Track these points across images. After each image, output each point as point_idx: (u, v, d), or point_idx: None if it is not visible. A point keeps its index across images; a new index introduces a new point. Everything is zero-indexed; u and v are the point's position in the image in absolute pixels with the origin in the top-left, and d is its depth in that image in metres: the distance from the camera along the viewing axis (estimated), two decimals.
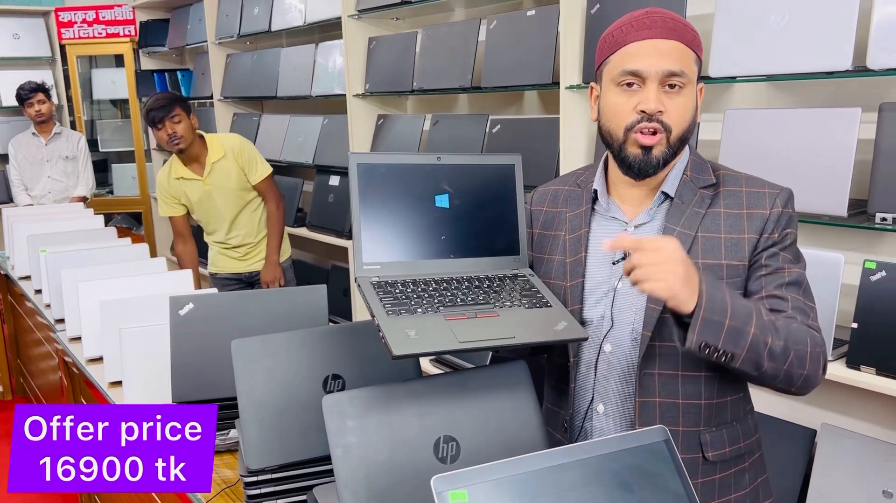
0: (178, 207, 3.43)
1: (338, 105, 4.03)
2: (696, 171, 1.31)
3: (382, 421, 1.21)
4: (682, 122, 1.23)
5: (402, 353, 1.12)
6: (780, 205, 1.25)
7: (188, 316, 1.75)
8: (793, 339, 1.17)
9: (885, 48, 1.85)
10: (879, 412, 2.15)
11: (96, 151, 6.42)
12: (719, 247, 1.25)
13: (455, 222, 1.34)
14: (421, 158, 1.36)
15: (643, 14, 1.24)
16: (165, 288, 2.43)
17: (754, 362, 1.15)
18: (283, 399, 1.41)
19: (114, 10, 6.10)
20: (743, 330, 1.12)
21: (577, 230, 1.37)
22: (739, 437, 1.32)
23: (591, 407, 1.35)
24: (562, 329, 1.21)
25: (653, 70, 1.21)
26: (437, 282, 1.29)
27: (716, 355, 1.13)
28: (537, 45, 2.72)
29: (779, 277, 1.23)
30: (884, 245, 2.08)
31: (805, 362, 1.18)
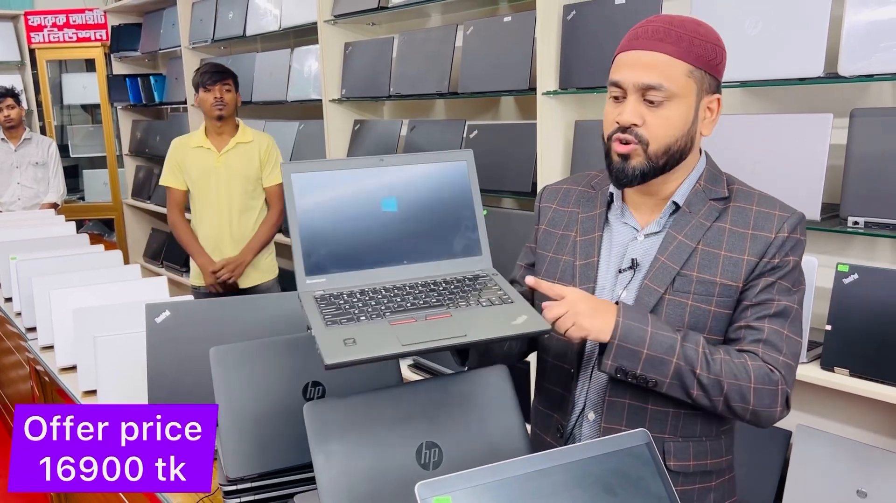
0: (181, 179, 3.33)
1: (313, 110, 4.01)
2: (709, 181, 1.29)
3: (364, 427, 1.20)
4: (663, 136, 1.22)
5: (334, 362, 1.06)
6: (786, 229, 1.23)
7: (165, 323, 1.72)
8: (730, 374, 1.19)
9: (856, 55, 1.89)
10: (853, 413, 2.18)
11: (67, 157, 6.34)
12: (717, 263, 1.24)
13: (405, 226, 1.27)
14: (361, 162, 1.28)
15: (644, 22, 1.24)
16: (140, 295, 2.40)
17: (683, 390, 1.20)
18: (262, 407, 1.39)
19: (85, 15, 6.02)
20: (664, 359, 1.19)
21: (590, 233, 1.35)
22: (707, 454, 1.31)
23: (583, 414, 1.35)
24: (521, 322, 1.15)
25: (629, 82, 1.21)
26: (387, 290, 1.22)
27: (636, 380, 1.20)
28: (514, 51, 2.73)
29: (764, 309, 1.23)
30: (856, 248, 2.12)
31: (747, 397, 1.19)
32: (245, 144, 3.32)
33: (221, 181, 3.29)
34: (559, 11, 2.57)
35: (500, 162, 2.83)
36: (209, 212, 3.32)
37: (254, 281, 3.38)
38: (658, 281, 1.26)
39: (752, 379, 1.19)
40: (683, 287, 1.25)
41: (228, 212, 3.31)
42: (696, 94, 1.22)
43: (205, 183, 3.30)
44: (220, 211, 3.31)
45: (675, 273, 1.25)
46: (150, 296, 2.33)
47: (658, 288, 1.26)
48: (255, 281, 3.39)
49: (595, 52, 2.46)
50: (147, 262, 5.70)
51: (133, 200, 6.01)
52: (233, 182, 3.29)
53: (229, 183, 3.29)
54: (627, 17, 2.36)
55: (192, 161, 3.31)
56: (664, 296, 1.25)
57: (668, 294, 1.25)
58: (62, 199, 5.20)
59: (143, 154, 5.81)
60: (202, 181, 3.30)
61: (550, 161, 2.64)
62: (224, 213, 3.31)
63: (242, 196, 3.31)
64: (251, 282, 3.38)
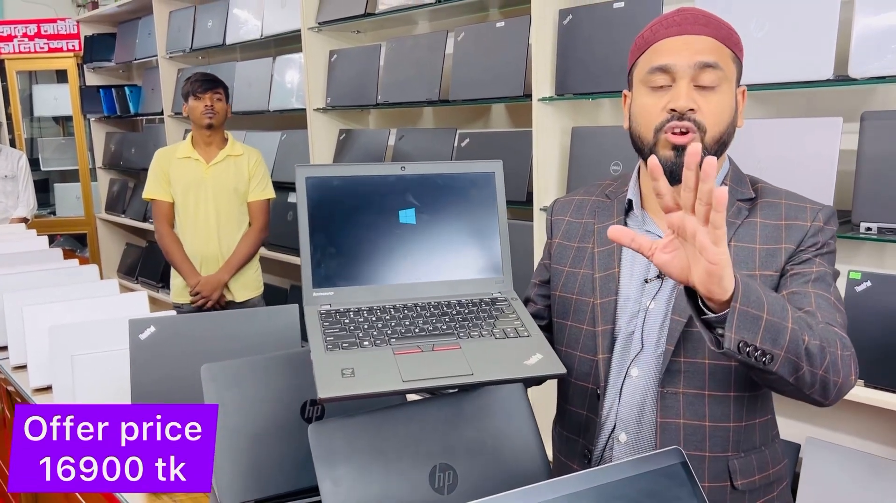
0: (167, 190, 3.22)
1: (296, 120, 3.93)
2: (735, 182, 1.23)
3: (373, 450, 1.13)
4: (718, 122, 1.14)
5: (329, 396, 0.99)
6: (821, 219, 1.18)
7: (149, 340, 1.64)
8: (827, 340, 1.04)
9: (867, 56, 1.85)
10: (866, 424, 2.12)
11: (37, 171, 6.19)
12: (753, 257, 1.18)
13: (423, 240, 1.20)
14: (381, 169, 1.20)
15: (675, 12, 1.18)
16: (119, 311, 2.30)
17: (793, 364, 1.01)
18: (258, 428, 1.31)
19: (57, 24, 5.89)
20: (781, 325, 0.98)
21: (608, 243, 1.27)
22: (769, 464, 1.23)
23: (612, 436, 1.25)
24: (534, 363, 1.06)
25: (683, 63, 1.13)
26: (396, 310, 1.14)
27: (754, 357, 0.98)
28: (508, 57, 2.67)
29: (805, 276, 1.14)
30: (868, 255, 2.07)
31: (838, 367, 1.05)
32: (235, 157, 3.24)
33: (209, 194, 3.19)
34: (555, 16, 2.51)
35: None
36: (195, 226, 3.21)
37: (239, 297, 3.28)
38: None
39: (838, 345, 1.05)
40: None
41: (216, 226, 3.20)
42: (735, 82, 1.18)
43: (191, 195, 3.19)
44: (207, 225, 3.20)
45: None
46: (130, 312, 2.22)
47: None
48: (240, 297, 3.28)
49: (592, 57, 2.40)
50: (122, 279, 5.55)
51: (107, 214, 5.86)
52: (221, 195, 3.19)
53: (217, 196, 3.19)
54: (626, 20, 2.31)
55: (177, 172, 3.20)
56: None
57: None
58: (32, 214, 5.06)
59: (118, 167, 5.67)
60: (188, 193, 3.19)
61: (547, 169, 2.57)
62: (212, 228, 3.20)
63: (231, 210, 3.21)
64: (236, 299, 3.28)
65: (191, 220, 3.21)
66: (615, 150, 2.39)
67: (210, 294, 3.18)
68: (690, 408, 1.18)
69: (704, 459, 1.17)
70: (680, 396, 1.18)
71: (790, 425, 2.24)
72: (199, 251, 3.22)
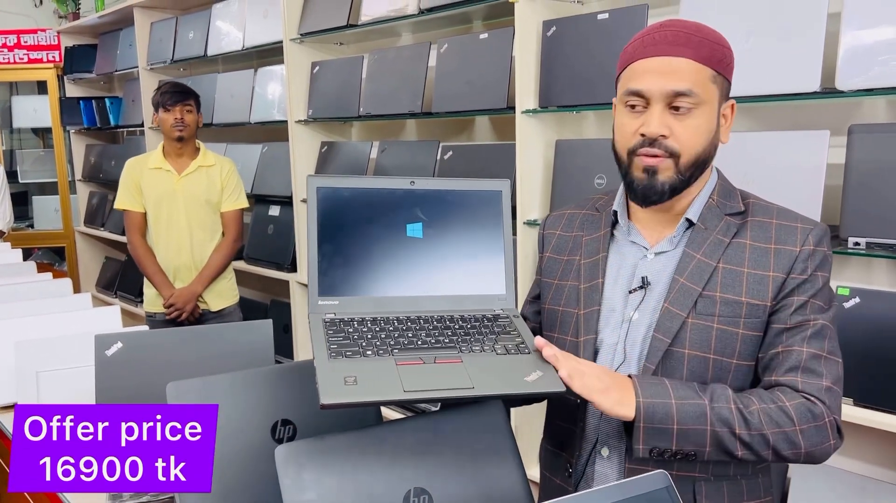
0: (138, 201, 3.17)
1: (278, 132, 3.89)
2: (723, 196, 1.22)
3: (345, 473, 1.09)
4: (693, 146, 1.14)
5: (331, 402, 1.00)
6: (812, 242, 1.15)
7: (116, 356, 1.59)
8: (771, 423, 1.09)
9: (854, 69, 1.82)
10: (855, 444, 2.08)
11: (15, 183, 6.10)
12: (741, 282, 1.16)
13: (429, 254, 1.21)
14: (391, 183, 1.22)
15: (657, 27, 1.16)
16: (90, 326, 2.23)
17: (726, 453, 1.10)
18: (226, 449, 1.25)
19: (37, 35, 5.82)
20: (697, 429, 1.09)
21: (594, 255, 1.27)
22: (742, 495, 1.20)
23: (594, 450, 1.24)
24: (534, 380, 1.07)
25: (656, 90, 1.13)
26: (399, 321, 1.16)
27: (676, 456, 1.11)
28: (491, 69, 2.64)
29: (800, 331, 1.14)
30: (856, 270, 2.05)
31: (796, 441, 1.10)
32: (207, 168, 3.19)
33: (180, 205, 3.14)
34: (538, 28, 2.49)
35: None
36: (167, 237, 3.16)
37: (214, 306, 3.23)
38: (679, 304, 1.17)
39: (795, 421, 1.09)
40: (707, 309, 1.16)
41: (189, 237, 3.16)
42: (717, 100, 1.16)
43: (163, 206, 3.14)
44: (180, 237, 3.15)
45: (697, 294, 1.16)
46: (101, 327, 2.16)
47: (680, 311, 1.16)
48: (216, 306, 3.23)
49: (577, 69, 2.37)
50: (100, 292, 5.46)
51: (86, 227, 5.78)
52: (192, 207, 3.14)
53: (188, 208, 3.14)
54: (610, 32, 2.28)
55: (149, 183, 3.15)
56: (687, 320, 1.16)
57: (692, 317, 1.16)
58: (9, 227, 4.96)
59: (97, 179, 5.59)
60: (160, 204, 3.14)
61: (531, 182, 2.54)
62: (184, 240, 3.16)
63: (203, 221, 3.17)
64: (211, 308, 3.22)
65: (163, 232, 3.16)
66: (599, 164, 2.36)
67: (184, 306, 3.13)
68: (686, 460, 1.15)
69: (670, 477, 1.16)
70: None
71: None
72: (172, 262, 3.17)
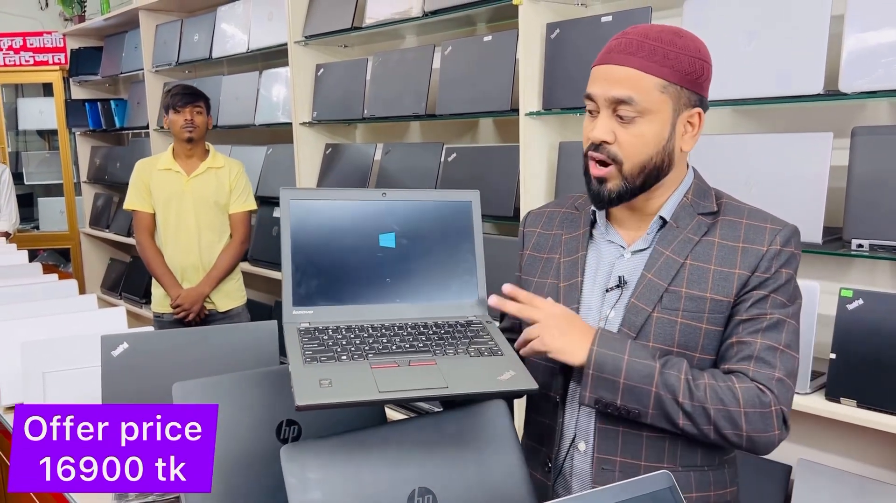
0: (148, 201, 3.19)
1: (282, 134, 3.90)
2: (697, 195, 1.25)
3: (349, 473, 1.09)
4: (637, 153, 1.17)
5: (306, 404, 1.02)
6: (779, 242, 1.19)
7: (122, 357, 1.60)
8: (716, 399, 1.13)
9: (858, 71, 1.83)
10: (858, 446, 2.09)
11: (21, 184, 6.12)
12: (707, 279, 1.19)
13: (402, 263, 1.24)
14: (363, 194, 1.25)
15: (620, 34, 1.20)
16: (95, 327, 2.23)
17: (667, 419, 1.15)
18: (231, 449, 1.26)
19: (43, 38, 5.85)
20: (643, 389, 1.14)
21: (573, 253, 1.30)
22: (710, 485, 1.23)
23: (573, 445, 1.27)
24: (507, 379, 1.10)
25: (600, 96, 1.18)
26: (374, 329, 1.18)
27: (618, 412, 1.16)
28: (495, 72, 2.65)
29: (756, 323, 1.17)
30: (859, 272, 2.05)
31: (738, 422, 1.13)
32: (216, 170, 3.22)
33: (189, 206, 3.16)
34: (542, 30, 2.49)
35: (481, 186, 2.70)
36: (176, 238, 3.18)
37: (221, 307, 3.24)
38: (645, 299, 1.21)
39: (740, 402, 1.13)
40: (672, 304, 1.20)
41: (197, 238, 3.18)
42: (672, 110, 1.17)
43: (171, 207, 3.16)
44: (188, 238, 3.17)
45: (662, 290, 1.20)
46: (107, 328, 2.17)
47: (646, 306, 1.21)
48: (223, 307, 3.24)
49: (580, 71, 2.38)
50: (105, 294, 5.48)
51: (91, 229, 5.79)
52: (201, 208, 3.17)
53: (197, 209, 3.16)
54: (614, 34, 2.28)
55: (158, 184, 3.18)
56: (652, 314, 1.20)
57: (657, 312, 1.20)
58: (15, 228, 5.00)
59: (102, 181, 5.61)
60: (169, 205, 3.17)
61: (534, 184, 2.54)
62: (192, 240, 3.17)
63: (211, 222, 3.19)
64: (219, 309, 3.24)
65: (172, 232, 3.18)
66: None
67: (191, 307, 3.15)
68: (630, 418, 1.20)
69: (639, 468, 1.20)
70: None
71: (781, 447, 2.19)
72: (181, 263, 3.19)
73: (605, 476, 1.21)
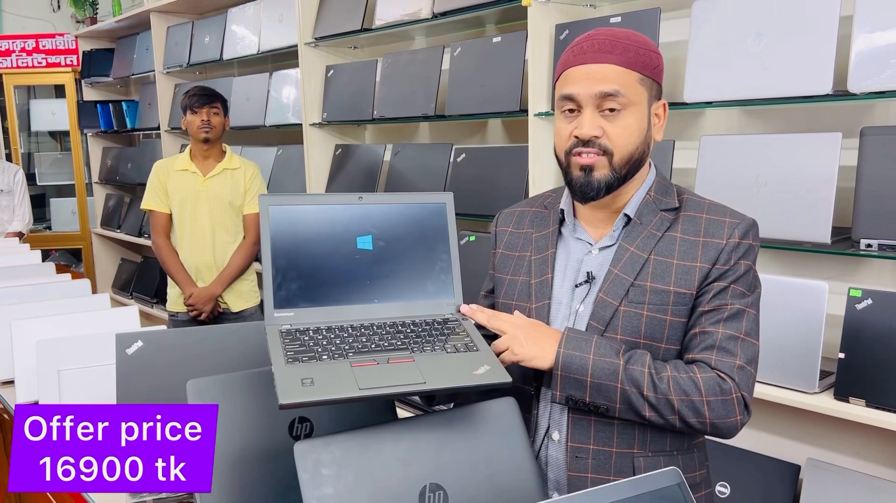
0: (164, 202, 3.24)
1: (292, 135, 3.92)
2: (659, 192, 1.31)
3: (361, 468, 1.11)
4: (625, 144, 1.24)
5: (289, 402, 1.05)
6: (737, 235, 1.24)
7: (137, 355, 1.61)
8: (678, 391, 1.19)
9: (867, 71, 1.83)
10: (867, 445, 2.09)
11: (34, 185, 6.17)
12: (670, 272, 1.25)
13: (379, 265, 1.27)
14: (340, 199, 1.29)
15: (584, 38, 1.26)
16: (109, 326, 2.26)
17: (635, 412, 1.21)
18: (245, 446, 1.27)
19: (55, 39, 5.89)
20: (609, 386, 1.20)
21: (543, 251, 1.36)
22: (680, 469, 1.25)
23: (547, 435, 1.32)
24: (482, 373, 1.14)
25: (585, 94, 1.22)
26: (353, 329, 1.22)
27: (588, 407, 1.22)
28: (504, 72, 2.66)
29: (717, 314, 1.23)
30: (867, 272, 2.05)
31: (700, 411, 1.19)
32: (232, 171, 3.25)
33: (204, 206, 3.20)
34: (551, 31, 2.50)
35: (490, 186, 2.74)
36: (191, 237, 3.22)
37: (234, 307, 3.27)
38: (612, 293, 1.26)
39: (702, 392, 1.19)
40: (638, 298, 1.25)
41: (212, 238, 3.21)
42: (647, 101, 1.25)
43: (188, 207, 3.20)
44: (203, 237, 3.21)
45: (628, 284, 1.26)
46: (120, 327, 2.19)
47: (613, 300, 1.26)
48: (235, 307, 3.27)
49: None
50: (116, 294, 5.51)
51: (102, 229, 5.83)
52: (216, 208, 3.20)
53: (212, 209, 3.20)
54: None
55: (175, 184, 3.22)
56: (619, 308, 1.26)
57: (624, 306, 1.26)
58: (28, 228, 5.04)
59: (114, 182, 5.65)
60: (185, 205, 3.21)
61: (543, 184, 2.55)
62: (207, 240, 3.21)
63: (225, 223, 3.22)
64: (232, 309, 3.27)
65: (187, 232, 3.22)
66: None
67: (203, 306, 3.18)
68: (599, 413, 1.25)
69: (611, 454, 1.26)
70: None
71: (790, 446, 2.21)
72: (195, 262, 3.23)
73: (578, 463, 1.27)
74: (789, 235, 1.95)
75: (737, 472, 2.16)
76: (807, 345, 1.90)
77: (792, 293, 1.93)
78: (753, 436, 2.24)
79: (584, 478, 1.27)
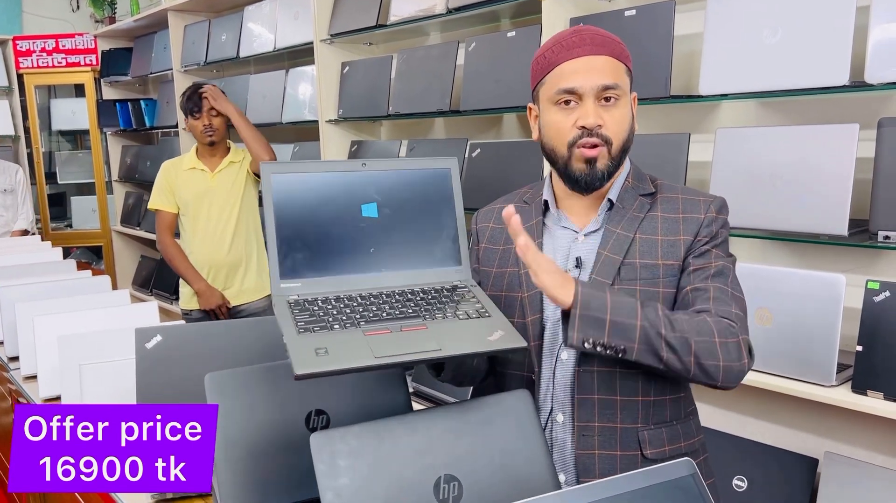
0: (172, 201, 3.28)
1: (309, 132, 3.94)
2: (637, 179, 1.37)
3: (377, 460, 1.12)
4: (620, 132, 1.29)
5: (305, 373, 1.03)
6: (713, 210, 1.32)
7: (156, 349, 1.63)
8: (694, 331, 1.21)
9: (884, 62, 1.81)
10: (886, 439, 2.07)
11: (54, 184, 6.23)
12: (656, 248, 1.31)
13: (385, 233, 1.25)
14: (344, 166, 1.27)
15: (571, 33, 1.30)
16: (129, 321, 2.29)
17: (653, 353, 1.20)
18: (262, 438, 1.29)
19: (74, 39, 5.95)
20: (629, 323, 1.19)
21: None
22: (680, 437, 1.34)
23: (550, 417, 1.35)
24: (497, 338, 1.13)
25: (588, 86, 1.26)
26: (363, 297, 1.19)
27: (606, 350, 1.19)
28: (519, 67, 2.66)
29: (705, 271, 1.29)
30: (886, 264, 2.03)
31: (715, 352, 1.21)
32: (238, 163, 3.30)
33: (216, 201, 3.23)
34: (565, 25, 2.50)
35: (505, 180, 2.74)
36: (204, 234, 3.25)
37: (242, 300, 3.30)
38: (604, 273, 1.31)
39: (715, 333, 1.22)
40: (629, 275, 1.30)
41: (227, 231, 3.25)
42: (629, 92, 1.32)
43: (200, 205, 3.24)
44: (217, 232, 3.24)
45: (619, 263, 1.31)
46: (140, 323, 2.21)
47: (606, 280, 1.30)
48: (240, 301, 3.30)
49: None
50: (136, 290, 5.57)
51: (122, 227, 5.90)
52: (228, 201, 3.24)
53: (224, 203, 3.24)
54: (637, 28, 2.29)
55: (185, 183, 3.25)
56: (613, 287, 1.29)
57: (616, 284, 1.30)
58: (33, 226, 5.10)
59: (133, 180, 5.71)
60: (197, 203, 3.24)
61: None
62: (222, 234, 3.24)
63: (238, 215, 3.25)
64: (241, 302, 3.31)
65: (200, 229, 3.25)
66: None
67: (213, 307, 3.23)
68: (603, 385, 1.30)
69: (616, 430, 1.30)
70: (594, 374, 1.30)
71: (808, 440, 2.19)
72: (208, 260, 3.26)
73: (585, 441, 1.30)
74: (806, 228, 1.94)
75: (754, 466, 2.15)
76: (824, 338, 1.89)
77: (809, 286, 1.92)
78: (771, 430, 2.23)
79: (591, 454, 1.30)
